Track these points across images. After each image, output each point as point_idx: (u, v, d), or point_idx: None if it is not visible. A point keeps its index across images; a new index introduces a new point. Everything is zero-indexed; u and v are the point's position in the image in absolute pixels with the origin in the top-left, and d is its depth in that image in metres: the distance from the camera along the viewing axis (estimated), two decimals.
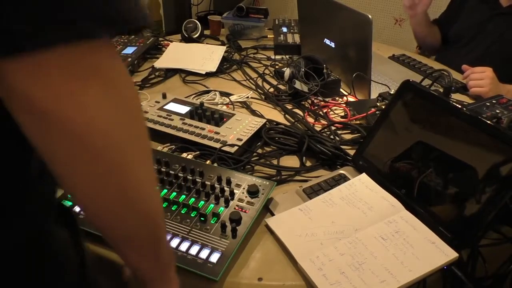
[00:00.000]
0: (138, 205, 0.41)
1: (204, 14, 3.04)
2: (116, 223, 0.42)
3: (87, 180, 0.38)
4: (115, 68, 0.37)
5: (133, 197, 0.40)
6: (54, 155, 0.37)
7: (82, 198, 0.40)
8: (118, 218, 0.42)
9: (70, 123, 0.34)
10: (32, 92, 0.33)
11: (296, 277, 0.67)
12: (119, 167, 0.38)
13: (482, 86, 1.29)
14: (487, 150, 0.72)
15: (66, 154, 0.36)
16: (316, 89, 1.20)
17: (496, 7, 1.55)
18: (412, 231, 0.72)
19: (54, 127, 0.34)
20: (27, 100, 0.33)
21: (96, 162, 0.37)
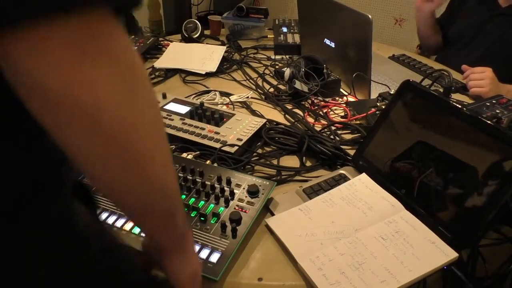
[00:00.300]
0: (154, 183, 0.41)
1: (204, 14, 3.04)
2: (130, 200, 0.42)
3: (100, 161, 0.37)
4: (121, 43, 0.35)
5: (149, 175, 0.40)
6: (66, 137, 0.36)
7: (96, 177, 0.39)
8: (133, 196, 0.41)
9: (77, 103, 0.33)
10: (35, 70, 0.32)
11: (296, 277, 0.67)
12: (133, 147, 0.37)
13: (482, 86, 1.29)
14: (487, 150, 0.72)
15: (76, 135, 0.35)
16: (316, 89, 1.20)
17: (495, 7, 1.55)
18: (412, 231, 0.72)
19: (60, 107, 0.33)
20: (31, 79, 0.32)
21: (108, 143, 0.36)
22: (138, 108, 0.37)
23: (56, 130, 0.35)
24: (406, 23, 2.63)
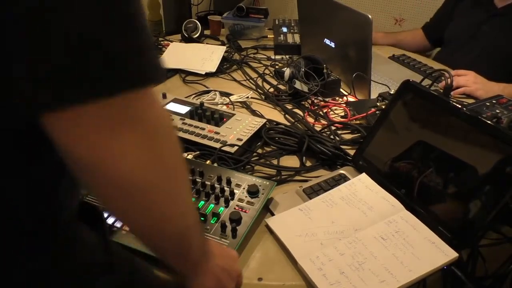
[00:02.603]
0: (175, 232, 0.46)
1: (204, 14, 3.04)
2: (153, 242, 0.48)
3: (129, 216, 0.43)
4: (152, 118, 0.39)
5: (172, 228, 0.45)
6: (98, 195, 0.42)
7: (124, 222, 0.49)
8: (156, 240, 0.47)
9: (108, 173, 0.38)
10: (70, 146, 0.37)
11: (296, 277, 0.67)
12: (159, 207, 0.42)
13: (468, 85, 1.32)
14: (487, 150, 0.72)
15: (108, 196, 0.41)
16: (316, 89, 1.20)
17: (491, 8, 1.55)
18: (412, 231, 0.72)
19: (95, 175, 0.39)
20: (67, 150, 0.37)
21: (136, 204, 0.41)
22: (165, 175, 0.42)
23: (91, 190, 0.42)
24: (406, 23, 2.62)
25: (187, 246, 0.49)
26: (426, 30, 1.82)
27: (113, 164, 0.37)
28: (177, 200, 0.45)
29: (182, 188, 0.46)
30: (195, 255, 0.51)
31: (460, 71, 1.36)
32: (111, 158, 0.37)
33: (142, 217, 0.43)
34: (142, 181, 0.39)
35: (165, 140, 0.41)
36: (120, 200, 0.41)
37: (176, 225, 0.46)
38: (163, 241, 0.47)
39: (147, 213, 0.42)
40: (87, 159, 0.37)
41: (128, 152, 0.37)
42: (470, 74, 1.35)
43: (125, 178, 0.38)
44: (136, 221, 0.44)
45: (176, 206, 0.45)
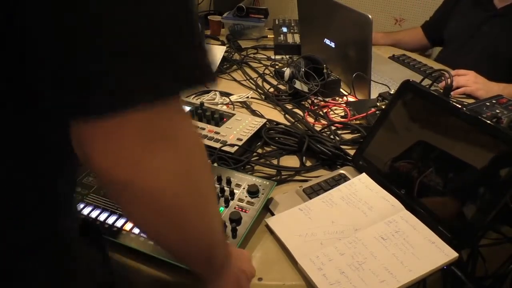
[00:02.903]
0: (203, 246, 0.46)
1: (204, 14, 3.04)
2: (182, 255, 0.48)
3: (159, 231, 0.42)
4: (187, 135, 0.38)
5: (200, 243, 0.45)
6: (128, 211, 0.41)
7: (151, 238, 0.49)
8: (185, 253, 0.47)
9: (140, 189, 0.36)
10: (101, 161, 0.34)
11: (296, 277, 0.67)
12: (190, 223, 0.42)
13: (468, 85, 1.32)
14: (487, 150, 0.72)
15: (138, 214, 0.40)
16: (316, 89, 1.20)
17: (491, 8, 1.55)
18: (412, 231, 0.72)
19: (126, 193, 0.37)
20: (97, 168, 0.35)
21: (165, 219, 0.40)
22: (196, 190, 0.41)
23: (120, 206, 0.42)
24: (406, 23, 2.62)
25: (213, 256, 0.49)
26: (425, 29, 1.82)
27: (144, 181, 0.35)
28: (207, 216, 0.45)
29: (212, 204, 0.46)
30: (219, 262, 0.52)
31: (460, 71, 1.36)
32: (143, 176, 0.35)
33: (172, 234, 0.42)
34: (174, 200, 0.38)
35: (198, 158, 0.40)
36: (151, 218, 0.40)
37: (205, 240, 0.46)
38: (192, 254, 0.47)
39: (177, 231, 0.42)
40: (118, 176, 0.35)
41: (162, 169, 0.36)
42: (470, 74, 1.35)
43: (158, 197, 0.37)
44: (166, 238, 0.43)
45: (206, 222, 0.45)
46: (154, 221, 0.40)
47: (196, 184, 0.40)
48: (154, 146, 0.35)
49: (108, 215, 0.73)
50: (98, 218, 0.73)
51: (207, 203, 0.44)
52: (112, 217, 0.73)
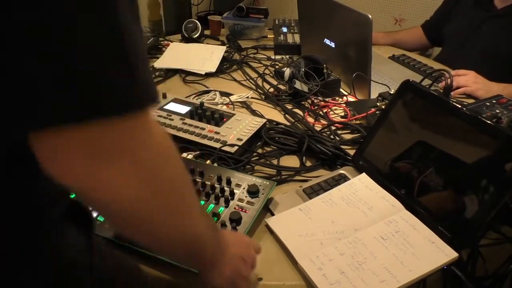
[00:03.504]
0: (184, 242, 0.46)
1: (204, 14, 3.04)
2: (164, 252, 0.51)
3: (130, 234, 0.44)
4: (146, 146, 0.38)
5: (178, 239, 0.45)
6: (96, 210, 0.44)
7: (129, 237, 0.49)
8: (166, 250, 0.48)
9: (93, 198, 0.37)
10: (55, 170, 0.35)
11: (296, 277, 0.67)
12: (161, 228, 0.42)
13: (468, 85, 1.32)
14: (487, 150, 0.72)
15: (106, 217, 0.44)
16: (316, 89, 1.20)
17: (491, 9, 1.55)
18: (412, 231, 0.72)
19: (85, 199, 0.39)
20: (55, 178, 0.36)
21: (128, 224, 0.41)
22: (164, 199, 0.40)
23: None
24: (406, 23, 2.62)
25: (201, 249, 0.49)
26: (425, 29, 1.82)
27: (102, 194, 0.36)
28: (180, 216, 0.44)
29: (186, 203, 0.45)
30: (210, 254, 0.52)
31: (460, 71, 1.37)
32: (99, 189, 0.36)
33: (145, 237, 0.43)
34: (135, 210, 0.38)
35: (161, 167, 0.40)
36: (115, 223, 0.41)
37: (184, 236, 0.46)
38: (174, 250, 0.47)
39: (150, 234, 0.42)
40: (74, 187, 0.37)
41: (118, 183, 0.36)
42: (470, 74, 1.35)
43: (116, 207, 0.38)
44: (140, 239, 0.45)
45: (181, 222, 0.44)
46: (119, 225, 0.42)
47: (159, 190, 0.40)
48: (104, 159, 0.35)
49: None
50: (98, 218, 0.72)
51: (180, 205, 0.44)
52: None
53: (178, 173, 0.43)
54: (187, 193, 0.46)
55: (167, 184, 0.41)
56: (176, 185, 0.43)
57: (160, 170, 0.40)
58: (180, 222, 0.44)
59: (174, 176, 0.42)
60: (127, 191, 0.37)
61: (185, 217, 0.45)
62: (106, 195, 0.36)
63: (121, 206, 0.38)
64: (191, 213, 0.46)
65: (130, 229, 0.42)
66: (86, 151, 0.34)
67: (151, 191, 0.39)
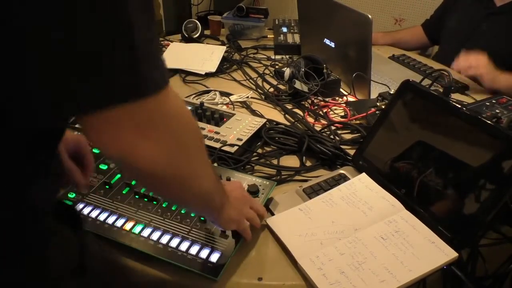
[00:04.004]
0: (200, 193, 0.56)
1: (204, 14, 3.04)
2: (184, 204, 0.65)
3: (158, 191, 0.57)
4: (170, 116, 0.45)
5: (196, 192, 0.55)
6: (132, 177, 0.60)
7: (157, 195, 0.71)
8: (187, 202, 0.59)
9: (135, 164, 0.44)
10: (102, 144, 0.44)
11: (296, 277, 0.67)
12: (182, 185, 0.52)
13: (479, 67, 1.29)
14: (487, 150, 0.72)
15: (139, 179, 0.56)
16: (316, 89, 1.20)
17: (490, 6, 1.55)
18: (412, 230, 0.72)
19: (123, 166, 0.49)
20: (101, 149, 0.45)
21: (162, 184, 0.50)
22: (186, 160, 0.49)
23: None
24: (406, 23, 2.63)
25: (211, 200, 0.59)
26: (426, 27, 1.82)
27: (138, 158, 0.44)
28: (200, 174, 0.53)
29: (203, 162, 0.54)
30: (218, 201, 0.61)
31: (472, 52, 1.33)
32: (136, 154, 0.43)
33: (168, 192, 0.53)
34: (165, 170, 0.46)
35: (183, 130, 0.48)
36: (149, 183, 0.50)
37: (201, 190, 0.55)
38: (194, 201, 0.57)
39: (172, 189, 0.51)
40: (118, 155, 0.44)
41: (150, 147, 0.44)
42: (483, 57, 1.31)
43: (150, 169, 0.45)
44: (165, 194, 0.57)
45: (197, 178, 0.53)
46: (152, 185, 0.52)
47: (185, 155, 0.49)
48: (143, 130, 0.43)
49: (108, 215, 0.73)
50: (98, 217, 0.73)
51: (197, 164, 0.52)
52: (112, 217, 0.73)
53: (197, 137, 0.52)
54: (203, 153, 0.54)
55: (190, 147, 0.49)
56: (196, 147, 0.51)
57: (185, 137, 0.48)
58: (200, 178, 0.53)
59: (194, 140, 0.51)
60: (161, 156, 0.45)
61: (203, 174, 0.54)
62: (144, 160, 0.44)
63: (156, 169, 0.45)
64: (207, 170, 0.55)
65: (161, 188, 0.52)
66: (129, 125, 0.42)
67: (179, 154, 0.47)
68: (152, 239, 0.69)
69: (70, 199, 0.76)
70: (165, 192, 0.54)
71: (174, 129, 0.46)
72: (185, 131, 0.49)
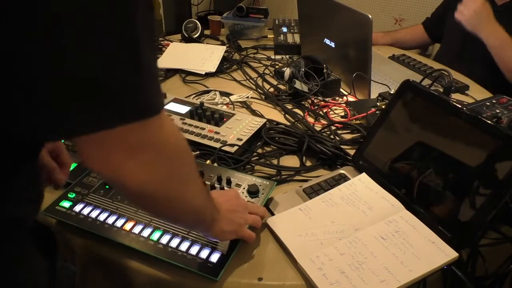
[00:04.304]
0: (190, 211, 0.56)
1: (204, 14, 3.04)
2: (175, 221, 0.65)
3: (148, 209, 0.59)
4: (161, 139, 0.46)
5: (186, 210, 0.55)
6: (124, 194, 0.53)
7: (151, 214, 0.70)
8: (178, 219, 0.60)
9: (124, 185, 0.45)
10: (91, 163, 0.44)
11: (296, 277, 0.67)
12: (172, 204, 0.52)
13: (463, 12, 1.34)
14: (487, 150, 0.72)
15: (128, 197, 0.55)
16: (316, 89, 1.20)
17: (491, 5, 1.55)
18: (412, 230, 0.72)
19: (112, 184, 0.52)
20: (90, 167, 0.46)
21: (151, 205, 0.51)
22: (175, 182, 0.49)
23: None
24: (406, 23, 2.62)
25: (202, 216, 0.59)
26: (426, 26, 1.82)
27: (127, 180, 0.44)
28: (188, 193, 0.53)
29: (192, 181, 0.54)
30: (209, 216, 0.61)
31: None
32: (126, 175, 0.44)
33: (159, 210, 0.53)
34: (155, 190, 0.47)
35: (175, 152, 0.48)
36: (139, 202, 0.51)
37: (190, 208, 0.55)
38: (185, 218, 0.58)
39: (162, 208, 0.52)
40: (107, 175, 0.45)
41: (140, 170, 0.44)
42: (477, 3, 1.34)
43: (138, 190, 0.46)
44: (155, 213, 0.60)
45: (188, 197, 0.53)
46: (142, 204, 0.52)
47: (176, 176, 0.49)
48: (131, 153, 0.43)
49: (108, 215, 0.73)
50: (98, 218, 0.73)
51: (187, 185, 0.52)
52: (112, 217, 0.73)
53: (188, 157, 0.52)
54: (194, 172, 0.54)
55: (181, 167, 0.50)
56: (187, 167, 0.52)
57: (176, 158, 0.49)
58: (190, 197, 0.54)
59: (185, 160, 0.51)
60: (152, 177, 0.45)
61: (194, 192, 0.54)
62: (134, 181, 0.44)
63: (146, 189, 0.46)
64: (197, 188, 0.55)
65: (151, 207, 0.53)
66: (121, 147, 0.42)
67: (169, 175, 0.48)
68: (152, 239, 0.69)
69: (70, 199, 0.76)
70: (155, 210, 0.55)
71: (166, 151, 0.47)
72: (177, 152, 0.49)
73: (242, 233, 0.68)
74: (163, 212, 0.55)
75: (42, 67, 0.37)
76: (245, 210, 0.70)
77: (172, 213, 0.55)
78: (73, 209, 0.74)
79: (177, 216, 0.57)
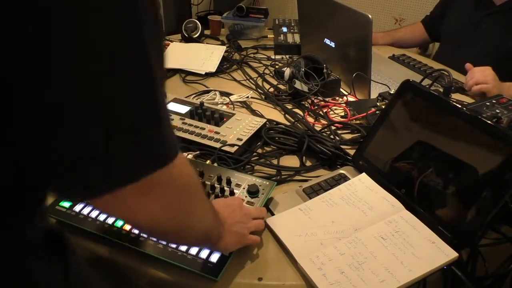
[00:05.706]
0: (199, 236, 0.57)
1: (204, 14, 3.04)
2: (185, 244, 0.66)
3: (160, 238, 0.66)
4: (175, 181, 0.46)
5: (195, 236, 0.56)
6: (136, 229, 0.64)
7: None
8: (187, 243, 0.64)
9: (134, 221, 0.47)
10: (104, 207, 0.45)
11: (296, 277, 0.67)
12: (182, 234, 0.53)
13: (487, 82, 1.28)
14: (487, 150, 0.72)
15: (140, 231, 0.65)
16: (316, 89, 1.20)
17: (490, 5, 1.55)
18: (412, 230, 0.72)
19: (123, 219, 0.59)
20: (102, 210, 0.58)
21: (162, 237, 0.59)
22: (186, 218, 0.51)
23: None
24: (406, 23, 2.62)
25: (209, 237, 0.60)
26: (426, 23, 1.82)
27: (137, 216, 0.45)
28: (198, 222, 0.54)
29: (201, 209, 0.54)
30: (216, 235, 0.61)
31: (476, 68, 1.32)
32: (137, 212, 0.44)
33: (167, 238, 0.58)
34: (165, 225, 0.48)
35: (185, 189, 0.49)
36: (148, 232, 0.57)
37: (198, 232, 0.56)
38: (193, 242, 0.60)
39: (171, 237, 0.54)
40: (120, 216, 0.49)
41: (152, 206, 0.45)
42: (488, 71, 1.30)
43: (149, 225, 0.47)
44: (164, 240, 0.65)
45: (197, 224, 0.54)
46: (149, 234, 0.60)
47: (186, 210, 0.50)
48: (146, 194, 0.43)
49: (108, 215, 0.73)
50: (98, 218, 0.73)
51: (197, 218, 0.53)
52: (112, 217, 0.73)
53: (197, 193, 0.53)
54: (203, 200, 0.55)
55: (192, 201, 0.51)
56: (196, 202, 0.52)
57: (187, 193, 0.49)
58: (198, 225, 0.55)
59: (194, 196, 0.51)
60: (162, 214, 0.46)
61: (202, 218, 0.55)
62: (142, 218, 0.45)
63: (156, 225, 0.47)
64: (206, 213, 0.56)
65: (159, 236, 0.59)
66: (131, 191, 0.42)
67: (178, 211, 0.49)
68: (153, 239, 0.69)
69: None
70: (165, 239, 0.61)
71: (178, 187, 0.47)
72: (188, 187, 0.50)
73: (246, 241, 0.69)
74: (173, 241, 0.59)
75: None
76: (248, 219, 0.71)
77: (181, 240, 0.58)
78: (73, 209, 0.74)
79: (185, 242, 0.60)
